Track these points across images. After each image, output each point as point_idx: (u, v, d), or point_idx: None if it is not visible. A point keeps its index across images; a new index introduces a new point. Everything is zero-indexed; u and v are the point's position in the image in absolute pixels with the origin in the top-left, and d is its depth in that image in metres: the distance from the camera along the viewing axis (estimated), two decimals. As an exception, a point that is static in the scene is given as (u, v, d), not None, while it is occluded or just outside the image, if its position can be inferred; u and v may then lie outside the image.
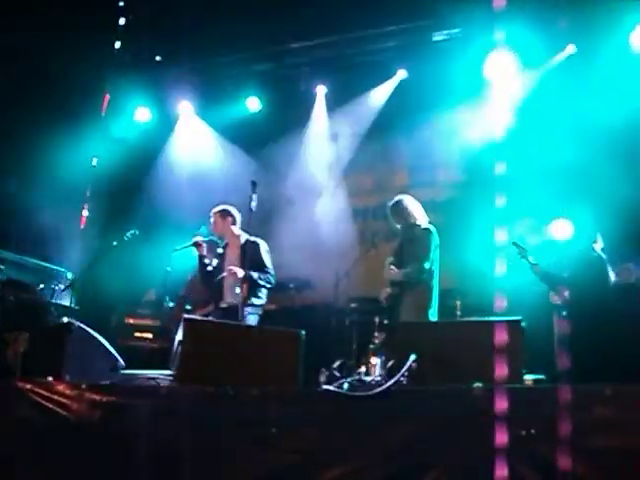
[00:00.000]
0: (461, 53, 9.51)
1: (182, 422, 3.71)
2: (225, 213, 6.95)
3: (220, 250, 7.01)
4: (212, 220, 7.04)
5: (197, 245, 6.86)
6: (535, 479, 2.98)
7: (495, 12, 4.43)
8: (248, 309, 6.50)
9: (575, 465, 2.91)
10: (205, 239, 6.99)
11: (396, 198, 6.96)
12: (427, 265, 6.35)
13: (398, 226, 6.87)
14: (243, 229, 6.92)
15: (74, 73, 10.08)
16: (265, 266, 6.73)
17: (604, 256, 6.65)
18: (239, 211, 7.07)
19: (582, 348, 6.27)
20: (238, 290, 6.42)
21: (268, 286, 6.82)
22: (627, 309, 6.90)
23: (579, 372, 5.58)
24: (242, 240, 6.79)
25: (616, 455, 2.92)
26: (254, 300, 6.66)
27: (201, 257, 6.86)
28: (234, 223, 6.93)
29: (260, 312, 6.83)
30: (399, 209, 6.80)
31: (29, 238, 9.17)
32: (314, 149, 11.39)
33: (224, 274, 6.71)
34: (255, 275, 6.55)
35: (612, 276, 6.60)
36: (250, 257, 6.51)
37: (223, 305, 6.76)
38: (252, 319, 6.60)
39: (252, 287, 6.58)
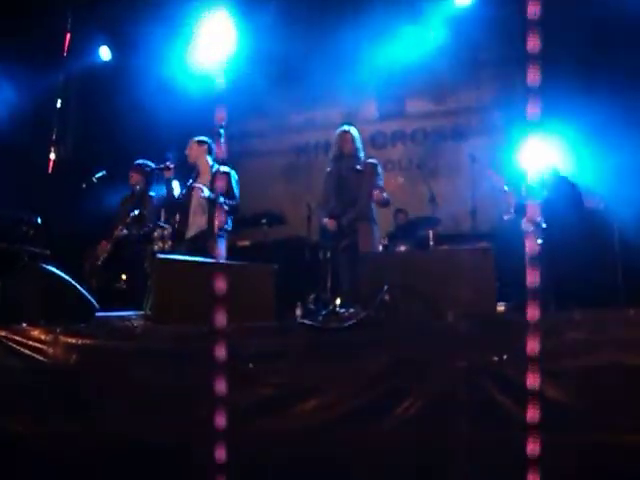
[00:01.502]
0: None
1: (158, 362, 3.73)
2: (202, 142, 6.94)
3: (190, 180, 6.97)
4: (188, 147, 7.02)
5: (166, 169, 6.82)
6: (507, 403, 3.03)
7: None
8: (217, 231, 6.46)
9: (546, 387, 2.96)
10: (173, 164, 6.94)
11: (347, 126, 6.92)
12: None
13: (336, 155, 6.87)
14: (216, 161, 6.87)
15: (35, 10, 9.83)
16: (231, 194, 6.70)
17: (573, 182, 6.72)
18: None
19: (553, 270, 6.40)
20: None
21: (234, 213, 6.79)
22: (594, 234, 7.00)
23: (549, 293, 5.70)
24: (214, 169, 6.76)
25: (586, 375, 2.98)
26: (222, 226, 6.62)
27: (169, 180, 6.83)
28: (209, 153, 6.86)
29: (227, 238, 6.78)
30: (351, 137, 6.76)
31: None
32: (284, 84, 11.27)
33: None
34: (221, 199, 6.52)
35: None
36: (220, 185, 6.51)
37: (190, 234, 6.76)
38: (221, 244, 6.55)
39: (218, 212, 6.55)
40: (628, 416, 2.86)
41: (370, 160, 6.77)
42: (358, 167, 6.60)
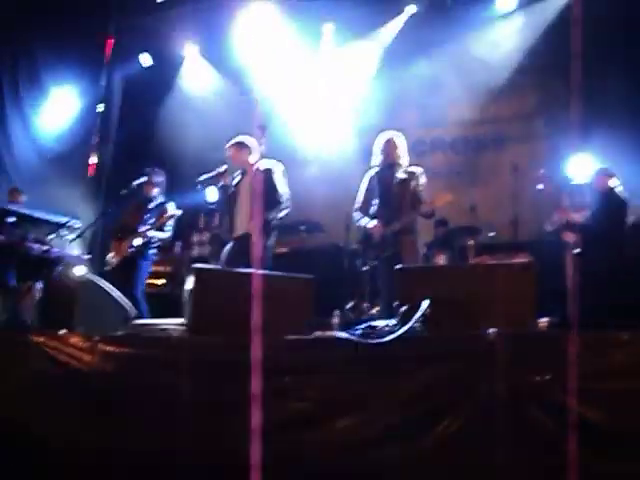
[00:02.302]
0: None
1: (194, 373, 3.71)
2: (240, 145, 6.76)
3: (236, 180, 6.89)
4: (229, 154, 6.87)
5: (222, 174, 6.79)
6: (550, 425, 2.95)
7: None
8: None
9: (590, 410, 2.89)
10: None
11: (390, 133, 6.82)
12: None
13: (381, 161, 6.69)
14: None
15: (77, 16, 9.93)
16: (277, 191, 6.58)
17: (623, 196, 6.56)
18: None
19: (593, 290, 6.27)
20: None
21: (283, 213, 6.67)
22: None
23: (590, 315, 5.57)
24: (255, 167, 6.63)
25: (631, 399, 2.89)
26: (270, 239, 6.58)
27: (225, 187, 6.80)
28: (251, 153, 6.77)
29: (275, 234, 6.71)
30: (397, 144, 6.65)
31: (37, 188, 9.13)
32: (322, 88, 11.26)
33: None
34: (268, 216, 6.45)
35: (630, 218, 6.53)
36: (264, 182, 6.46)
37: (235, 235, 6.67)
38: (262, 242, 6.49)
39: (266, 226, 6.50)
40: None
41: (414, 168, 6.66)
42: (402, 176, 6.51)
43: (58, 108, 10.64)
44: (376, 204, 6.53)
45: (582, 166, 8.13)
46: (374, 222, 6.44)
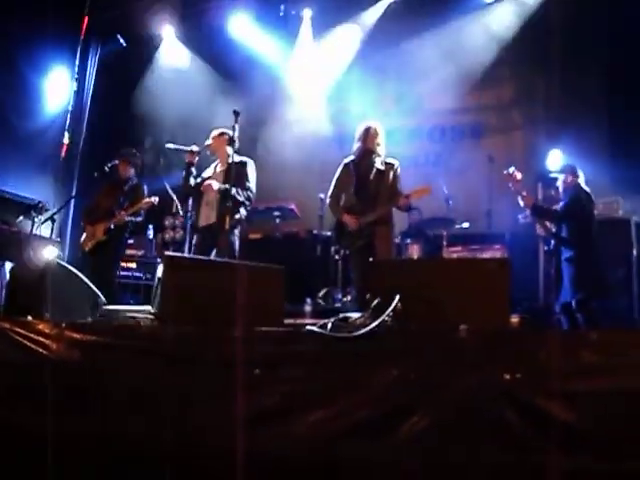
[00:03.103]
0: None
1: (162, 362, 3.66)
2: (223, 133, 6.84)
3: (210, 169, 6.94)
4: (210, 143, 6.94)
5: (191, 152, 6.79)
6: (520, 424, 2.94)
7: None
8: (227, 224, 6.43)
9: (560, 409, 2.88)
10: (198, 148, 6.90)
11: (369, 122, 6.80)
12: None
13: (358, 150, 6.68)
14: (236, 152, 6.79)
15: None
16: (246, 183, 6.64)
17: (588, 190, 6.64)
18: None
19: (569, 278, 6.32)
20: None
21: (247, 203, 6.73)
22: (611, 243, 6.92)
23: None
24: (230, 160, 6.67)
25: (603, 399, 2.89)
26: (233, 217, 6.58)
27: (189, 165, 6.80)
28: (229, 144, 6.75)
29: (239, 229, 6.78)
30: (376, 134, 6.63)
31: (7, 168, 9.00)
32: (300, 74, 11.22)
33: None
34: (233, 190, 6.45)
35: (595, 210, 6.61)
36: (235, 175, 6.46)
37: (201, 224, 6.72)
38: (233, 237, 6.58)
39: (231, 203, 6.49)
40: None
41: (391, 160, 6.63)
42: (380, 167, 6.47)
43: (30, 86, 10.47)
44: (352, 193, 6.49)
45: (557, 160, 8.21)
46: (347, 216, 6.41)
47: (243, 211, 6.71)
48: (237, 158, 6.61)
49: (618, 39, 9.03)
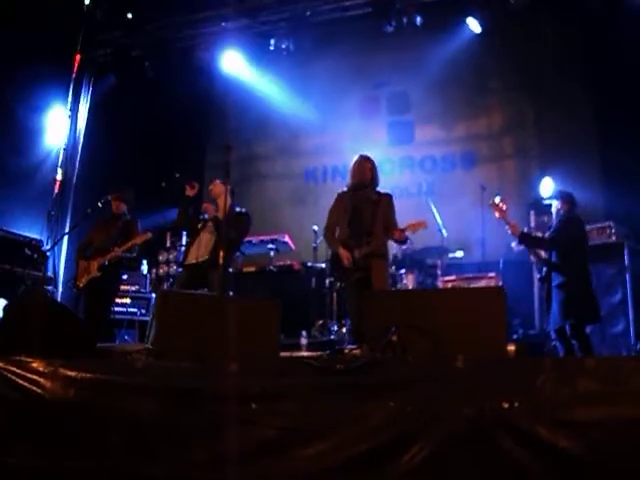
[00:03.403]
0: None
1: (158, 399, 3.64)
2: (226, 182, 6.79)
3: (211, 211, 7.01)
4: (212, 184, 7.06)
5: (191, 185, 6.85)
6: (518, 452, 2.92)
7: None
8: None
9: (558, 438, 2.86)
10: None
11: (361, 156, 6.82)
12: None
13: (351, 183, 6.68)
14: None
15: (44, 32, 9.82)
16: (241, 238, 6.95)
17: (579, 216, 6.65)
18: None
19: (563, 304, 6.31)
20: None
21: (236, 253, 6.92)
22: (604, 267, 6.92)
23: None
24: (231, 208, 6.76)
25: (602, 427, 2.87)
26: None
27: (187, 198, 6.84)
28: (231, 193, 6.82)
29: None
30: (369, 166, 6.64)
31: (1, 205, 9.01)
32: (290, 108, 11.29)
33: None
34: (232, 235, 6.56)
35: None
36: (234, 224, 6.65)
37: (191, 261, 6.75)
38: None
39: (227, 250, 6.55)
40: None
41: (385, 191, 6.64)
42: (373, 198, 6.48)
43: (22, 123, 10.50)
44: (346, 226, 6.49)
45: (549, 187, 8.25)
46: (342, 250, 6.39)
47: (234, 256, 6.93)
48: (238, 209, 6.94)
49: (607, 67, 9.12)
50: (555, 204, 6.83)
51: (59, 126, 10.85)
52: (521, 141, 10.34)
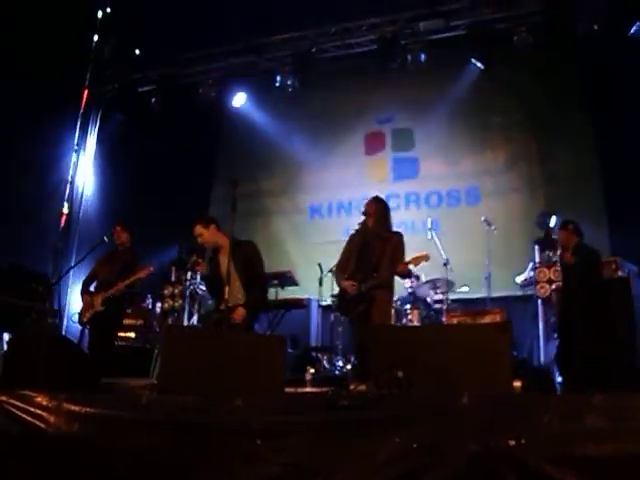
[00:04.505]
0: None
1: (162, 434, 3.62)
2: (207, 221, 6.63)
3: (210, 256, 6.81)
4: (196, 233, 6.61)
5: (197, 264, 6.79)
6: (525, 490, 2.89)
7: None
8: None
9: (568, 476, 2.84)
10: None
11: (373, 197, 6.87)
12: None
13: (362, 223, 6.75)
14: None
15: (53, 67, 9.92)
16: (260, 272, 6.67)
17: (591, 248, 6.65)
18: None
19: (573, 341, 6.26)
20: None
21: (265, 293, 6.90)
22: (611, 303, 6.89)
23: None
24: (234, 242, 6.54)
25: (611, 464, 2.85)
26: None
27: (205, 277, 6.81)
28: (218, 228, 6.65)
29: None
30: (381, 207, 6.73)
31: (7, 240, 9.03)
32: (296, 143, 11.36)
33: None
34: (258, 300, 6.51)
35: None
36: (245, 259, 6.47)
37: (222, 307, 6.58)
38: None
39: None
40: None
41: (396, 230, 6.76)
42: (383, 236, 6.55)
43: (29, 157, 10.58)
44: (354, 262, 6.55)
45: (554, 221, 8.24)
46: (347, 282, 6.42)
47: (262, 296, 6.75)
48: (240, 242, 6.59)
49: (610, 101, 9.19)
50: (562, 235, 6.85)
51: (66, 160, 10.92)
52: (526, 176, 10.36)
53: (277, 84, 10.96)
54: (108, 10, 11.08)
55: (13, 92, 9.53)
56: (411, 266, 6.48)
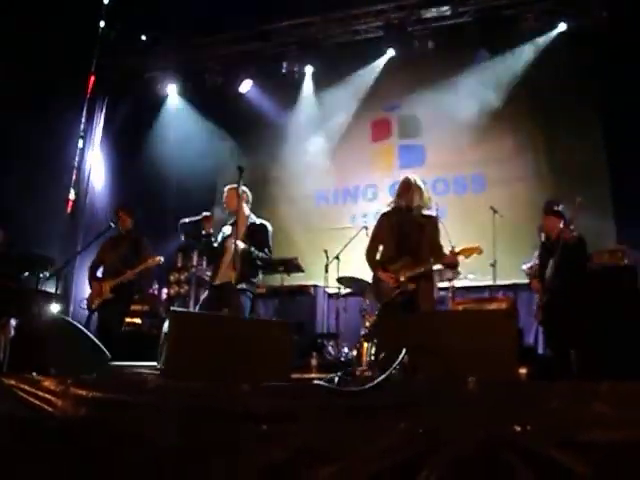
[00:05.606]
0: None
1: (169, 418, 3.63)
2: (240, 190, 6.71)
3: (227, 227, 6.90)
4: (226, 195, 6.87)
5: (206, 219, 6.77)
6: (532, 476, 2.90)
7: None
8: (243, 285, 6.45)
9: (574, 462, 2.84)
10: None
11: (408, 175, 6.65)
12: None
13: (395, 203, 6.47)
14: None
15: (59, 53, 9.90)
16: (268, 248, 6.72)
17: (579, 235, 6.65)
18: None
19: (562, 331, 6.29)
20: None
21: (265, 267, 6.89)
22: (613, 292, 6.88)
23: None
24: (250, 220, 6.75)
25: (617, 450, 2.85)
26: (250, 279, 6.62)
27: (208, 234, 6.77)
28: (247, 202, 6.85)
29: (253, 291, 6.76)
30: (417, 188, 6.45)
31: (14, 225, 9.04)
32: (302, 130, 11.34)
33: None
34: (258, 253, 6.53)
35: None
36: (257, 238, 6.63)
37: (216, 282, 6.70)
38: (246, 299, 6.58)
39: (250, 265, 6.54)
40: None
41: (429, 212, 6.49)
42: (420, 220, 6.31)
43: (34, 143, 10.58)
44: (392, 247, 6.32)
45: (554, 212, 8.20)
46: (384, 273, 6.20)
47: (260, 275, 6.78)
48: (257, 220, 6.84)
49: (618, 91, 9.15)
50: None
51: (73, 146, 10.92)
52: (532, 164, 10.33)
53: (284, 70, 10.95)
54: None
55: (19, 78, 9.53)
56: (461, 258, 6.31)
